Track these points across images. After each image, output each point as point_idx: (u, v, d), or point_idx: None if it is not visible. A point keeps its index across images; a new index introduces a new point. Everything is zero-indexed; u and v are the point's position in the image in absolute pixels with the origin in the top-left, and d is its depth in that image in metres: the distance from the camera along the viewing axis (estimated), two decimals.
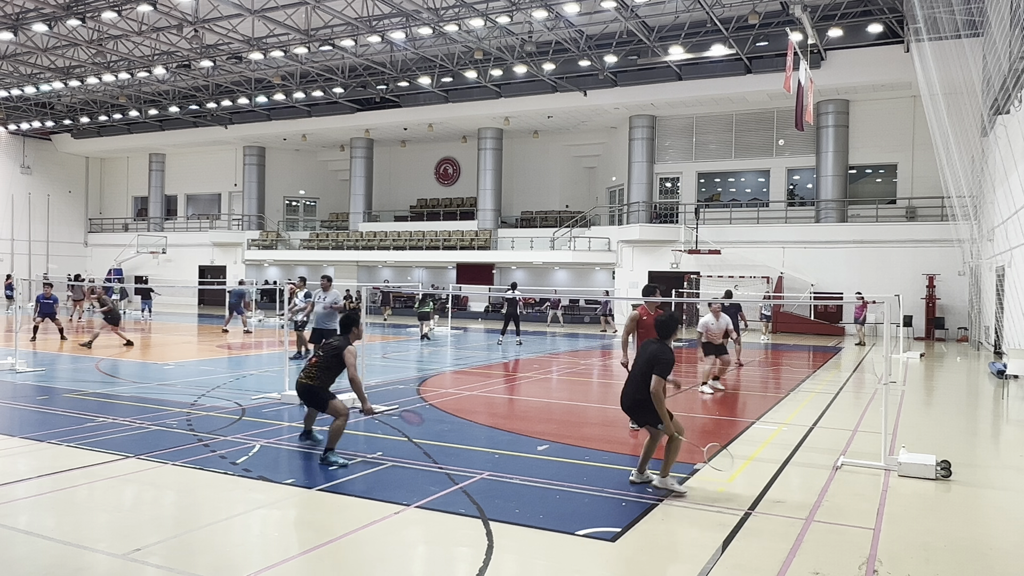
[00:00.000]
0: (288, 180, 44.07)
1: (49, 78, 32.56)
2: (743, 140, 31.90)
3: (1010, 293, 17.13)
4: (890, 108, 28.77)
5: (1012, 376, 15.06)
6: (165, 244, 43.06)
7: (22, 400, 10.68)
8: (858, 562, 4.97)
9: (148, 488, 6.51)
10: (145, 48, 29.72)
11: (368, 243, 37.62)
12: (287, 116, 38.45)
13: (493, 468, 7.25)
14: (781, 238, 29.68)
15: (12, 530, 5.39)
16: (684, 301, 19.00)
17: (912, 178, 28.80)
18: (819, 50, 26.46)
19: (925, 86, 18.77)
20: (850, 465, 7.56)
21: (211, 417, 9.57)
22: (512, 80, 31.74)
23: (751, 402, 12.14)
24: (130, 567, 4.73)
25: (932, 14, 17.83)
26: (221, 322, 28.15)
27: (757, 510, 6.08)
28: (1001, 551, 5.42)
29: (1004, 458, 8.81)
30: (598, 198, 37.17)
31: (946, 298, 26.81)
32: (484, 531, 5.43)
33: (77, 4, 23.83)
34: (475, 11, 23.92)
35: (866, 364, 18.07)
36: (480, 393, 12.41)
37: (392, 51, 29.72)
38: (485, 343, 21.86)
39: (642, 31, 26.01)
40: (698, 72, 29.10)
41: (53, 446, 7.91)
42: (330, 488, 6.48)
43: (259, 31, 27.02)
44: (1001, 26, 16.62)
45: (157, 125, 41.77)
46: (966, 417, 11.88)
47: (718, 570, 4.80)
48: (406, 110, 35.82)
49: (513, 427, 9.48)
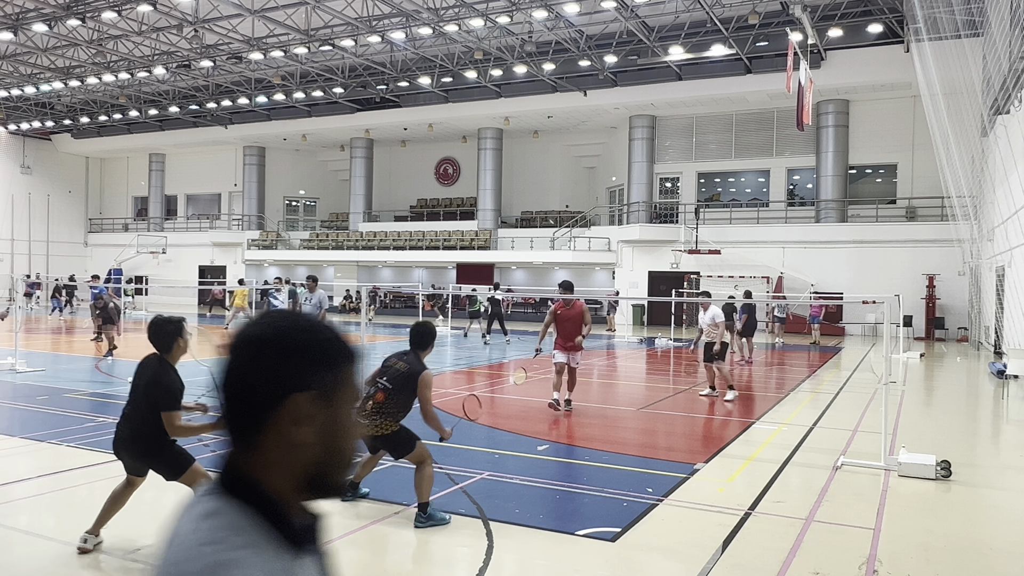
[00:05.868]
0: (288, 180, 44.06)
1: (49, 78, 32.55)
2: (743, 140, 31.90)
3: (1010, 293, 17.13)
4: (890, 108, 28.75)
5: (1012, 376, 15.05)
6: (165, 244, 43.05)
7: (22, 400, 10.68)
8: (858, 562, 4.97)
9: (148, 488, 6.49)
10: (145, 48, 29.71)
11: (368, 243, 37.62)
12: (287, 116, 38.44)
13: (493, 468, 7.24)
14: (781, 238, 29.67)
15: (12, 530, 5.39)
16: (688, 301, 19.04)
17: (912, 178, 28.79)
18: (819, 50, 26.45)
19: (925, 86, 18.76)
20: (850, 465, 7.56)
21: (211, 417, 9.55)
22: (512, 80, 31.73)
23: (751, 402, 12.14)
24: (130, 567, 4.73)
25: (932, 14, 17.82)
26: (221, 322, 28.17)
27: (757, 510, 6.08)
28: (1001, 551, 5.42)
29: (1004, 458, 8.81)
30: (598, 198, 37.17)
31: (946, 298, 26.80)
32: (484, 531, 5.43)
33: (77, 4, 23.81)
34: (475, 11, 23.91)
35: (865, 364, 18.08)
36: (480, 393, 12.40)
37: (392, 51, 29.72)
38: (485, 343, 21.84)
39: (642, 31, 26.00)
40: (698, 72, 29.10)
41: (53, 446, 7.91)
42: None
43: (259, 31, 27.01)
44: (1001, 26, 16.63)
45: (157, 125, 41.76)
46: (966, 417, 11.88)
47: (718, 570, 4.80)
48: (406, 110, 35.81)
49: (513, 427, 9.48)
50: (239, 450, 1.08)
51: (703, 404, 11.53)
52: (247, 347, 1.08)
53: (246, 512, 1.02)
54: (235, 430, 1.08)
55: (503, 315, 22.04)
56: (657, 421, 10.39)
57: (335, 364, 1.10)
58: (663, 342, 22.15)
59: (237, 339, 1.10)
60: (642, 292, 31.38)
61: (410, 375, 5.65)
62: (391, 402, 5.61)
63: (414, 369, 5.68)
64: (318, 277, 14.62)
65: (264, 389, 1.06)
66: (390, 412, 5.60)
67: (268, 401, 1.05)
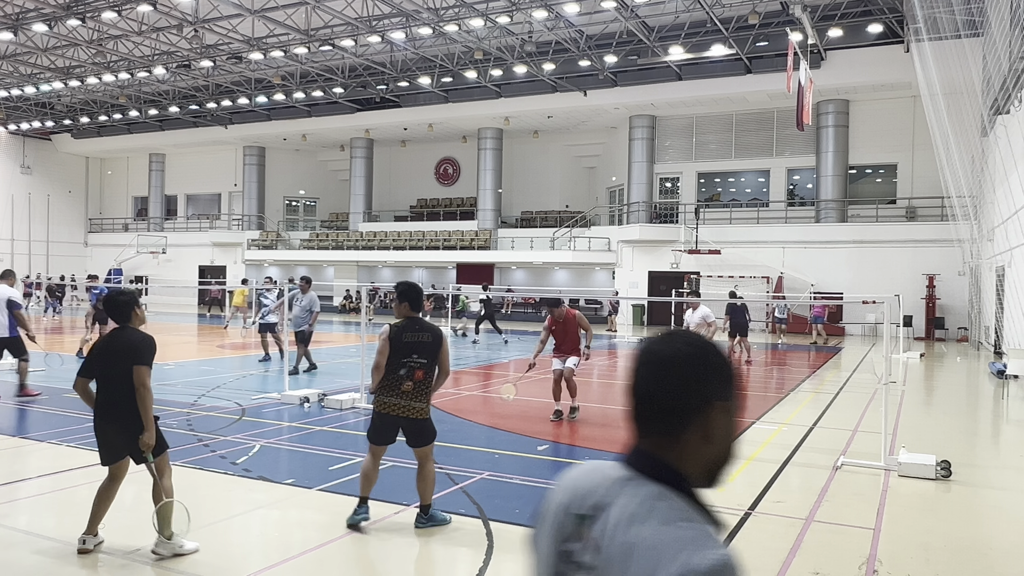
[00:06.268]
0: (288, 180, 44.07)
1: (49, 78, 32.55)
2: (743, 140, 31.90)
3: (1010, 293, 17.13)
4: (890, 108, 28.75)
5: (1012, 376, 15.06)
6: (165, 244, 43.05)
7: (22, 400, 10.68)
8: (858, 562, 4.97)
9: (148, 488, 6.49)
10: (145, 48, 29.72)
11: (368, 243, 37.62)
12: (287, 116, 38.45)
13: (493, 468, 7.24)
14: (781, 238, 29.67)
15: (12, 530, 5.39)
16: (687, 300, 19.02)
17: (912, 178, 28.79)
18: (819, 50, 26.45)
19: (925, 86, 18.76)
20: (850, 465, 7.56)
21: (211, 417, 9.56)
22: (512, 80, 31.73)
23: (751, 402, 12.14)
24: (130, 567, 4.73)
25: (932, 14, 17.82)
26: (221, 322, 28.17)
27: (757, 510, 6.08)
28: (1001, 551, 5.42)
29: (1004, 458, 8.81)
30: (598, 198, 37.17)
31: (946, 298, 26.80)
32: (484, 531, 5.43)
33: (77, 4, 23.82)
34: (475, 11, 23.91)
35: (866, 364, 18.07)
36: (480, 393, 12.41)
37: (392, 51, 29.72)
38: (485, 343, 21.85)
39: (642, 31, 26.00)
40: (698, 72, 29.10)
41: (53, 446, 7.91)
42: (330, 488, 6.48)
43: (259, 31, 27.01)
44: (1001, 26, 16.62)
45: (157, 125, 41.77)
46: (966, 417, 11.88)
47: None
48: (406, 110, 35.82)
49: (513, 427, 9.48)
50: (660, 443, 1.32)
51: None
52: (680, 363, 1.33)
53: (679, 494, 1.27)
54: (661, 427, 1.32)
55: (494, 316, 22.11)
56: None
57: (735, 380, 1.37)
58: None
59: (663, 355, 1.34)
60: (642, 292, 31.39)
61: (435, 341, 5.44)
62: (428, 378, 5.44)
63: (435, 333, 5.49)
64: (312, 279, 14.42)
65: (696, 397, 1.31)
66: (425, 392, 5.44)
67: (697, 406, 1.31)
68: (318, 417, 9.78)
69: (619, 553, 1.22)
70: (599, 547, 1.26)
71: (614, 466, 1.37)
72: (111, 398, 4.96)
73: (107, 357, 5.02)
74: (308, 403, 10.62)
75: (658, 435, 1.33)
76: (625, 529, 1.23)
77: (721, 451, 1.33)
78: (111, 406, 4.96)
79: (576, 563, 1.30)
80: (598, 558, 1.26)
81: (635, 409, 1.36)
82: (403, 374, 5.35)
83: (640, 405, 1.35)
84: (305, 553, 5.01)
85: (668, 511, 1.23)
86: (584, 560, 1.28)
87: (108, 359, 5.01)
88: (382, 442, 5.49)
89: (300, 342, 14.00)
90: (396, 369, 5.35)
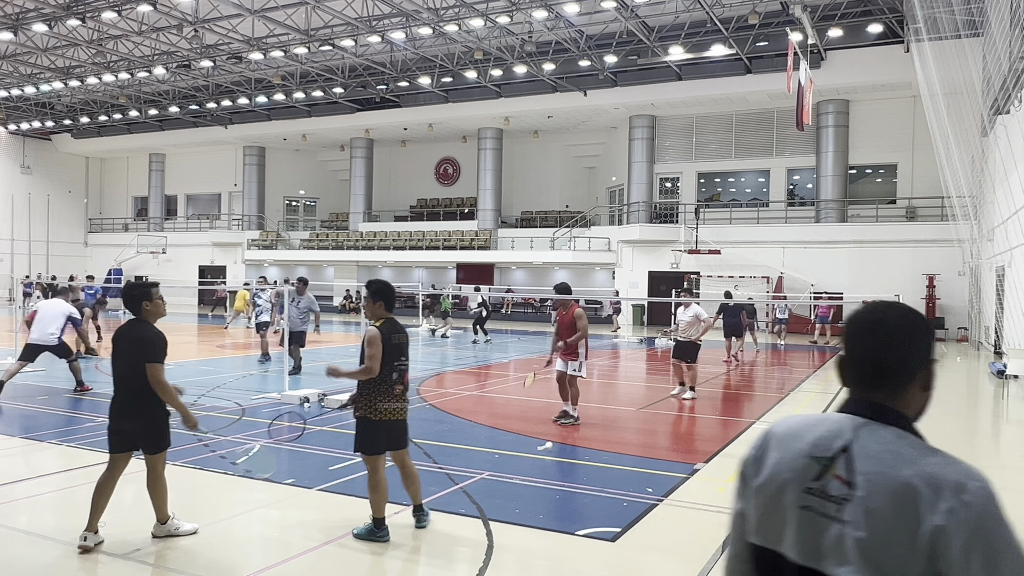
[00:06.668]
0: (288, 180, 44.07)
1: (49, 78, 32.56)
2: (743, 140, 31.90)
3: (1010, 293, 17.13)
4: (890, 108, 28.76)
5: (1012, 376, 15.06)
6: (165, 244, 43.05)
7: (22, 400, 10.68)
8: None
9: (146, 488, 6.50)
10: (145, 48, 29.72)
11: (368, 243, 37.62)
12: (287, 116, 38.45)
13: (493, 468, 7.24)
14: (781, 238, 29.67)
15: (12, 530, 5.39)
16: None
17: (912, 178, 28.80)
18: (819, 50, 26.45)
19: (925, 86, 18.76)
20: None
21: (211, 417, 9.56)
22: (512, 80, 31.73)
23: (751, 402, 12.14)
24: (130, 567, 4.73)
25: (932, 14, 17.82)
26: (222, 322, 28.18)
27: None
28: None
29: (1004, 458, 8.81)
30: (598, 198, 37.17)
31: (946, 298, 26.80)
32: (484, 531, 5.43)
33: (77, 4, 23.82)
34: (475, 11, 23.91)
35: None
36: (480, 393, 12.41)
37: (392, 51, 29.72)
38: (485, 343, 21.85)
39: (642, 31, 26.01)
40: (698, 72, 29.10)
41: (53, 446, 7.91)
42: (330, 488, 6.48)
43: (259, 31, 27.02)
44: (1001, 26, 16.62)
45: (157, 125, 41.77)
46: (966, 417, 11.88)
47: (718, 570, 4.80)
48: (406, 110, 35.81)
49: (513, 427, 9.48)
50: (888, 395, 1.58)
51: (703, 404, 11.52)
52: (913, 327, 1.59)
53: (911, 434, 1.55)
54: (892, 383, 1.58)
55: (484, 318, 22.23)
56: (657, 421, 10.40)
57: (935, 345, 1.66)
58: (663, 342, 22.17)
59: (890, 324, 1.59)
60: (642, 292, 31.39)
61: (408, 341, 5.43)
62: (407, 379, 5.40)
63: (406, 332, 5.45)
64: (308, 280, 14.31)
65: (920, 357, 1.59)
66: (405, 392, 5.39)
67: (922, 364, 1.59)
68: (318, 417, 9.79)
69: (885, 483, 1.46)
70: (851, 482, 1.49)
71: (841, 416, 1.60)
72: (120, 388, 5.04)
73: (116, 348, 5.09)
74: (308, 403, 10.63)
75: (888, 389, 1.58)
76: (881, 463, 1.49)
77: (930, 397, 1.63)
78: (118, 397, 5.04)
79: (824, 497, 1.52)
80: (850, 492, 1.49)
81: (863, 369, 1.61)
82: (395, 378, 5.28)
83: (870, 367, 1.60)
84: (305, 553, 5.01)
85: (918, 446, 1.52)
86: (834, 494, 1.51)
87: (117, 350, 5.08)
88: (383, 451, 5.36)
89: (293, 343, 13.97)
90: (388, 373, 5.23)
